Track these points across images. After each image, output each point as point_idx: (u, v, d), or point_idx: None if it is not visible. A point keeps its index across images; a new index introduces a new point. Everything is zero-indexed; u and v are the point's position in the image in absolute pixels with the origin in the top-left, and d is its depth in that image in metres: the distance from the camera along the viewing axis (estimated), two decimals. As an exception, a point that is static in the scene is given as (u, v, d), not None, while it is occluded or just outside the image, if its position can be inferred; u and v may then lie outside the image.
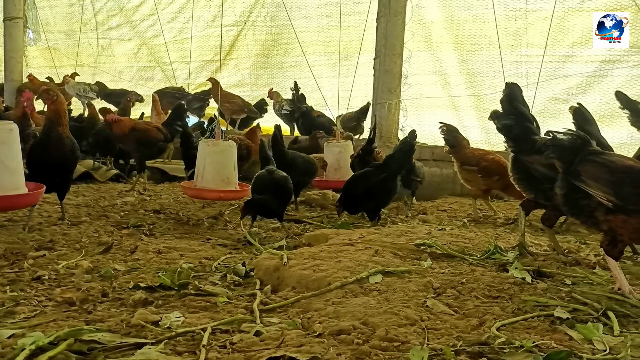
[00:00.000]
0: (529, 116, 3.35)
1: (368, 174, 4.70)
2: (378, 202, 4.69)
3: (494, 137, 7.21)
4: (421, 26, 7.66)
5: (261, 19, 9.02)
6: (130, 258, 3.48)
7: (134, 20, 10.09)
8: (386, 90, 7.21)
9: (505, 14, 7.11)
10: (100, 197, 5.62)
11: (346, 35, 7.90)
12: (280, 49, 8.87)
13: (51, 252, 3.54)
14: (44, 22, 10.95)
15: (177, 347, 2.03)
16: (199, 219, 4.97)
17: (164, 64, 9.84)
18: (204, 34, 9.53)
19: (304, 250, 3.36)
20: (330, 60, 7.98)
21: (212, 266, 3.37)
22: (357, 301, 2.48)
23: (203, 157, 4.87)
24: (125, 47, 10.41)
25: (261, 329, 2.20)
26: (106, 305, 2.57)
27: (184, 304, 2.60)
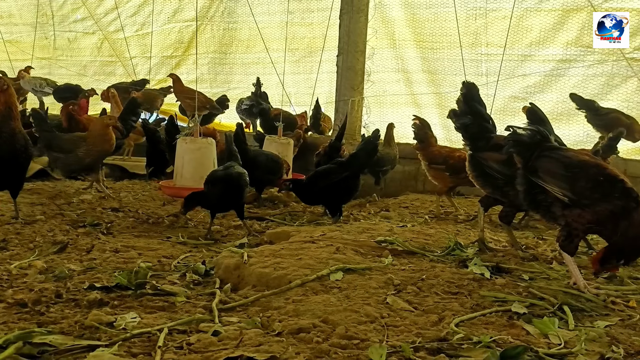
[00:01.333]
0: (485, 115, 3.40)
1: (330, 171, 4.70)
2: (340, 199, 4.72)
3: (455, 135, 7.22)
4: (384, 24, 7.71)
5: (219, 14, 8.91)
6: (86, 257, 3.39)
7: (97, 14, 9.81)
8: (349, 87, 7.23)
9: (465, 13, 7.21)
10: (56, 195, 5.45)
11: (310, 31, 7.89)
12: (241, 45, 8.78)
13: (3, 252, 3.43)
14: (7, 14, 10.55)
15: (132, 349, 1.98)
16: (159, 217, 4.87)
17: (125, 59, 9.62)
18: (164, 29, 9.36)
19: (264, 248, 3.33)
20: (294, 56, 7.96)
21: (172, 265, 3.31)
22: (317, 299, 2.47)
23: (181, 155, 4.80)
24: (89, 41, 10.14)
25: (220, 328, 2.16)
26: (60, 306, 2.49)
27: (141, 304, 2.55)
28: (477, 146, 3.33)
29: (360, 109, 7.28)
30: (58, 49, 10.33)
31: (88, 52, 10.19)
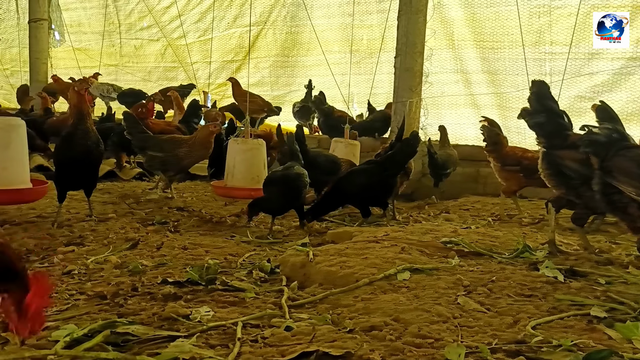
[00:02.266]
0: (559, 112, 3.30)
1: (368, 171, 4.69)
2: (376, 199, 4.74)
3: (516, 136, 7.12)
4: (443, 24, 7.59)
5: (281, 18, 9.02)
6: (156, 254, 3.50)
7: (162, 22, 10.14)
8: (407, 88, 7.15)
9: (528, 11, 7.01)
10: (125, 194, 5.67)
11: (370, 33, 7.88)
12: (302, 48, 8.86)
13: (80, 247, 3.59)
14: (77, 24, 11.07)
15: (209, 340, 2.03)
16: (221, 217, 4.98)
17: (187, 64, 9.90)
18: (226, 34, 9.56)
19: (329, 247, 3.36)
20: (355, 58, 7.96)
21: (238, 262, 3.37)
22: (386, 298, 2.46)
23: (233, 155, 4.89)
24: (154, 48, 10.50)
25: (291, 324, 2.19)
26: (136, 299, 2.59)
27: (213, 299, 2.61)
28: (552, 144, 3.23)
29: (418, 110, 7.18)
30: (124, 55, 10.75)
31: (152, 59, 10.55)
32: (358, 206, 4.82)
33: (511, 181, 5.19)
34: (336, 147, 6.23)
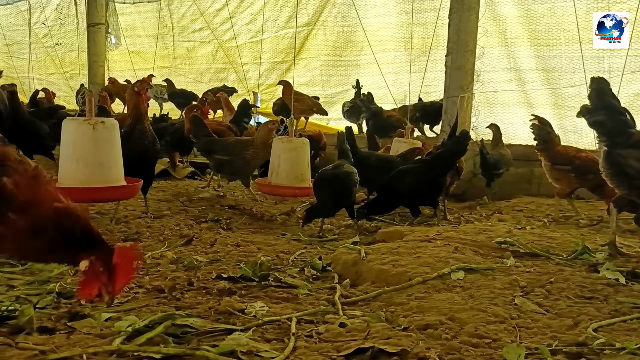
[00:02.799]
0: (620, 109, 3.17)
1: (417, 170, 4.65)
2: (426, 198, 4.69)
3: (573, 135, 6.91)
4: (495, 22, 7.43)
5: (332, 18, 9.03)
6: (210, 250, 3.58)
7: (214, 24, 10.33)
8: (458, 87, 7.05)
9: (585, 7, 6.78)
10: (179, 192, 5.81)
11: (424, 31, 7.79)
12: (355, 47, 8.84)
13: (137, 243, 3.70)
14: (131, 27, 11.43)
15: (265, 335, 2.07)
16: (272, 215, 5.05)
17: (237, 65, 10.06)
18: (277, 36, 9.66)
19: (381, 246, 3.35)
20: (409, 56, 7.87)
21: (289, 260, 3.41)
22: (440, 297, 2.44)
23: (277, 154, 4.94)
24: (205, 50, 10.70)
25: (345, 320, 2.20)
26: (192, 293, 2.65)
27: (266, 295, 2.65)
28: (615, 143, 3.11)
29: (469, 109, 7.07)
30: (177, 58, 11.02)
31: (204, 60, 10.77)
32: (408, 205, 4.78)
33: (562, 182, 5.04)
34: (399, 148, 6.19)
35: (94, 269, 1.76)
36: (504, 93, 7.45)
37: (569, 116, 6.94)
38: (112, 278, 1.77)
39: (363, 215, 4.53)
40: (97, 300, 1.84)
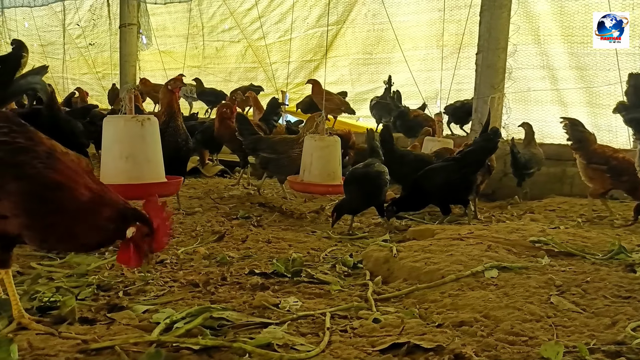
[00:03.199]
0: (660, 107, 3.11)
1: (447, 168, 4.61)
2: (456, 197, 4.65)
3: (607, 134, 6.78)
4: (527, 19, 7.33)
5: (361, 17, 9.03)
6: (242, 246, 3.62)
7: (243, 23, 10.42)
8: (488, 86, 6.97)
9: (621, 3, 6.64)
10: (209, 190, 5.88)
11: (458, 28, 7.73)
12: (386, 45, 8.82)
13: (171, 238, 3.75)
14: (162, 28, 11.60)
15: (299, 329, 2.08)
16: (301, 213, 5.07)
17: (266, 64, 10.12)
18: (306, 35, 9.69)
19: (412, 244, 3.34)
20: (442, 53, 7.84)
21: (320, 257, 3.42)
22: (474, 294, 2.42)
23: (310, 152, 4.96)
24: (235, 49, 10.80)
25: (379, 316, 2.20)
26: (226, 288, 2.68)
27: (299, 290, 2.67)
28: (652, 140, 3.06)
29: (500, 108, 6.99)
30: (206, 57, 11.14)
31: (233, 60, 10.87)
32: (438, 204, 4.75)
33: (596, 181, 4.95)
34: (429, 146, 6.16)
35: (140, 234, 1.91)
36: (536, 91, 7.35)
37: (603, 114, 6.81)
38: (153, 240, 1.94)
39: (392, 212, 4.52)
40: (139, 266, 2.03)
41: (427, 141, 6.41)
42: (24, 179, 1.78)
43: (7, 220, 1.80)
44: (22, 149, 1.82)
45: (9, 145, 1.82)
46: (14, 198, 1.77)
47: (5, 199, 1.77)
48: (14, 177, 1.78)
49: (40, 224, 1.81)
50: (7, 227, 1.82)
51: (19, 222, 1.80)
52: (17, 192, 1.77)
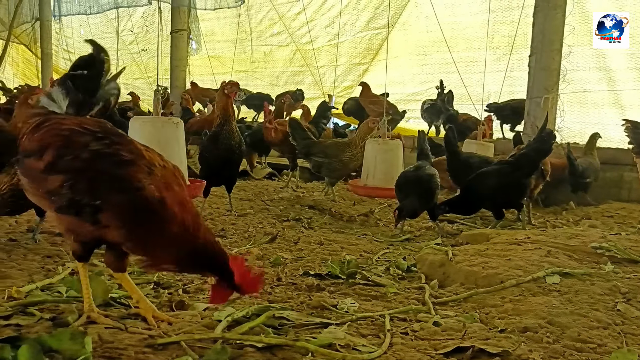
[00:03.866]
0: None
1: (500, 171, 4.51)
2: (509, 200, 4.54)
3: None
4: (583, 19, 7.11)
5: (413, 18, 8.99)
6: (294, 248, 3.64)
7: (292, 27, 10.54)
8: (542, 88, 6.81)
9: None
10: (260, 192, 5.95)
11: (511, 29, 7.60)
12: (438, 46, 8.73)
13: (223, 239, 3.81)
14: (211, 33, 11.84)
15: (359, 330, 2.08)
16: (351, 216, 5.07)
17: (314, 68, 10.18)
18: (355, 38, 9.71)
19: (468, 248, 3.29)
20: (495, 55, 7.72)
21: (373, 259, 3.41)
22: (537, 300, 2.36)
23: (373, 155, 4.95)
24: (282, 53, 10.93)
25: (439, 320, 2.17)
26: (282, 288, 2.70)
27: (355, 292, 2.67)
28: None
29: (553, 110, 6.81)
30: (254, 61, 11.31)
31: (281, 64, 10.99)
32: (490, 208, 4.66)
33: None
34: (469, 149, 6.07)
35: (221, 284, 1.94)
36: (592, 93, 7.13)
37: (665, 118, 6.54)
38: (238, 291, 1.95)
39: (442, 211, 4.46)
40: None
41: (466, 144, 6.30)
42: (128, 192, 1.81)
43: (108, 230, 1.85)
44: (126, 162, 1.86)
45: (114, 157, 1.86)
46: (116, 210, 1.81)
47: (108, 210, 1.81)
48: (118, 190, 1.81)
49: (141, 237, 1.84)
50: (107, 235, 1.87)
51: (121, 233, 1.84)
52: (119, 205, 1.80)
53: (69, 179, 1.84)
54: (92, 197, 1.81)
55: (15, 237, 3.42)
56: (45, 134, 1.95)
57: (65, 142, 1.91)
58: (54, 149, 1.89)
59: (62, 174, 1.85)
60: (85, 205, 1.82)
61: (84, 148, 1.88)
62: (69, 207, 1.85)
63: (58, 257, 3.04)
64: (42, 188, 1.90)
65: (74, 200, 1.83)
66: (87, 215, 1.83)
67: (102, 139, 1.91)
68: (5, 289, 2.38)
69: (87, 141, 1.90)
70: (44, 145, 1.92)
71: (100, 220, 1.83)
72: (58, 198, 1.86)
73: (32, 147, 1.95)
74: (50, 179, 1.87)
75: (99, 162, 1.85)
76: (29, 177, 1.96)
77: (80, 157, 1.86)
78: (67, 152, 1.88)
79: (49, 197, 1.89)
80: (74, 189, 1.83)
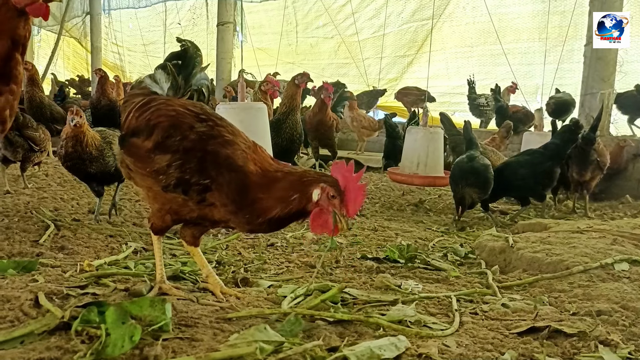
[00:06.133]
0: None
1: (534, 161, 4.48)
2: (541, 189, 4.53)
3: None
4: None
5: (460, 10, 8.85)
6: (348, 234, 3.63)
7: (337, 19, 10.53)
8: (598, 79, 6.62)
9: None
10: (308, 180, 5.97)
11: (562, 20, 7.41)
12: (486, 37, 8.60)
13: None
14: (258, 25, 11.93)
15: (428, 309, 2.06)
16: (400, 205, 5.04)
17: (358, 60, 10.15)
18: (400, 30, 9.62)
19: (529, 235, 3.23)
20: (545, 46, 7.53)
21: (429, 246, 3.38)
22: (607, 286, 2.30)
23: (425, 145, 4.93)
24: (328, 45, 10.94)
25: (507, 302, 2.14)
26: (341, 270, 2.71)
27: (415, 275, 2.65)
28: None
29: (610, 102, 6.61)
30: (300, 54, 11.34)
31: (326, 56, 11.00)
32: (517, 196, 4.65)
33: None
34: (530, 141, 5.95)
35: (326, 197, 1.77)
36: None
37: None
38: (343, 202, 1.77)
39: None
40: (334, 232, 1.81)
41: (526, 136, 6.17)
42: (234, 171, 1.84)
43: (214, 208, 1.89)
44: (230, 142, 1.90)
45: (219, 138, 1.90)
46: (225, 189, 1.84)
47: (217, 189, 1.85)
48: (227, 169, 1.84)
49: (243, 210, 1.85)
50: (212, 213, 1.91)
51: (227, 210, 1.87)
52: (228, 183, 1.83)
53: (177, 159, 1.88)
54: (202, 176, 1.85)
55: (79, 218, 3.53)
56: (153, 114, 2.00)
57: (173, 123, 1.95)
58: (162, 129, 1.94)
59: (171, 153, 1.89)
60: (194, 184, 1.86)
61: (190, 129, 1.92)
62: (176, 186, 1.89)
63: (120, 237, 3.12)
64: (149, 167, 1.94)
65: (183, 179, 1.87)
66: (195, 194, 1.87)
67: (205, 121, 1.96)
68: (76, 263, 2.47)
69: (192, 122, 1.94)
70: (151, 125, 1.97)
71: (207, 199, 1.86)
72: (165, 177, 1.90)
73: (139, 126, 2.00)
74: (157, 158, 1.91)
75: (207, 143, 1.89)
76: (135, 155, 2.01)
77: (188, 137, 1.90)
78: (175, 133, 1.92)
79: (156, 175, 1.92)
80: (182, 169, 1.87)
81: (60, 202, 3.97)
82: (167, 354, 1.50)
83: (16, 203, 3.78)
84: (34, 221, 3.28)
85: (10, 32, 2.04)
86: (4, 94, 2.09)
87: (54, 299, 1.88)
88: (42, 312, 1.73)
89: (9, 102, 2.10)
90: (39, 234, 2.98)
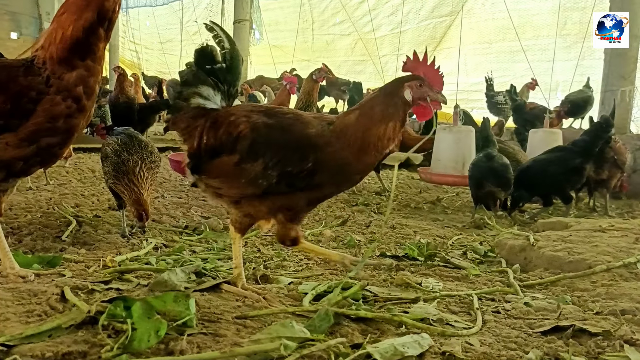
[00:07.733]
0: None
1: (563, 158, 4.44)
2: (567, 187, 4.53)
3: None
4: (662, 3, 6.77)
5: (478, 6, 8.78)
6: (366, 231, 3.64)
7: (355, 16, 10.51)
8: (618, 76, 6.53)
9: None
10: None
11: (583, 16, 7.33)
12: (505, 34, 8.53)
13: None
14: (274, 23, 11.95)
15: (449, 307, 2.06)
16: (418, 203, 5.02)
17: (375, 57, 10.12)
18: (419, 26, 9.58)
19: (550, 234, 3.20)
20: (565, 42, 7.47)
21: (447, 244, 3.37)
22: (630, 285, 2.28)
23: (467, 144, 4.94)
24: (344, 42, 10.93)
25: (529, 301, 2.13)
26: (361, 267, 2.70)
27: (435, 273, 2.64)
28: None
29: (630, 100, 6.52)
30: (316, 51, 11.33)
31: (342, 53, 10.98)
32: (542, 195, 4.57)
33: None
34: (534, 138, 5.91)
35: (416, 89, 1.92)
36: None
37: None
38: (429, 84, 1.93)
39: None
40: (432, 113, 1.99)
41: (531, 133, 6.11)
42: (323, 149, 1.89)
43: (324, 187, 1.96)
44: (307, 125, 1.95)
45: (296, 126, 1.95)
46: (325, 166, 1.89)
47: (319, 170, 1.89)
48: (322, 149, 1.88)
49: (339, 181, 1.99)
50: (322, 191, 2.00)
51: (332, 183, 1.97)
52: (326, 161, 1.88)
53: (271, 157, 1.90)
54: (302, 162, 1.88)
55: (99, 214, 3.57)
56: (227, 129, 2.00)
57: (252, 127, 1.96)
58: (244, 138, 1.95)
59: (262, 156, 1.91)
60: (299, 172, 1.88)
61: (268, 127, 1.95)
62: (278, 183, 1.91)
63: (139, 234, 3.15)
64: (243, 178, 1.95)
65: (285, 173, 1.89)
66: (301, 181, 1.90)
67: (273, 116, 1.99)
68: (98, 258, 2.50)
69: (264, 120, 1.97)
70: (231, 139, 1.98)
71: (315, 181, 1.90)
72: (265, 179, 1.92)
73: (221, 144, 2.00)
74: (248, 168, 1.93)
75: (290, 132, 1.92)
76: (222, 175, 2.02)
77: (272, 135, 1.93)
78: (258, 136, 1.94)
79: (254, 182, 1.94)
80: (281, 163, 1.89)
81: (81, 199, 4.01)
82: (192, 349, 1.51)
83: (38, 199, 3.83)
84: (55, 217, 3.33)
85: (98, 3, 1.95)
86: (78, 68, 1.98)
87: (79, 294, 1.91)
88: (69, 307, 1.76)
89: (82, 78, 1.97)
90: (60, 230, 3.02)
